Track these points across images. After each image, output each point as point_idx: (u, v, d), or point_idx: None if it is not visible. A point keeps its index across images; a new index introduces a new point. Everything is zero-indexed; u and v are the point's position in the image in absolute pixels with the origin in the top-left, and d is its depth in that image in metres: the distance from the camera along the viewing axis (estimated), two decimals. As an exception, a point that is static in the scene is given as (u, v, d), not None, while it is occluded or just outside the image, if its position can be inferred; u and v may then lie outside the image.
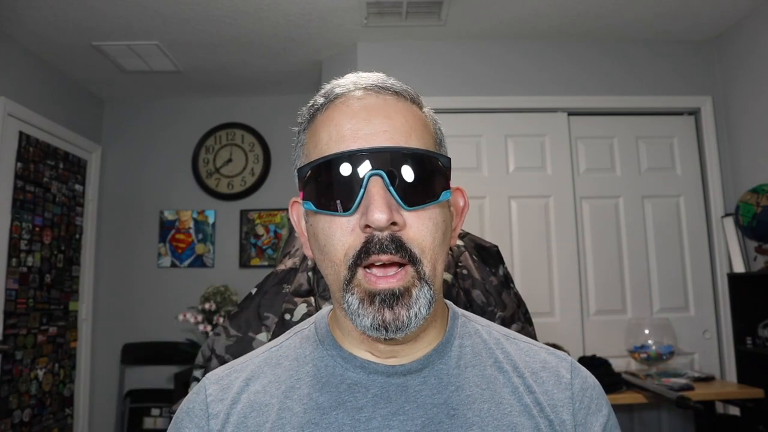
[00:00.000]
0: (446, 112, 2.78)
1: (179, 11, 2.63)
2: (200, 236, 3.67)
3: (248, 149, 3.74)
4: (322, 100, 0.59)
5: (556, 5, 2.63)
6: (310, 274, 1.10)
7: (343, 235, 0.54)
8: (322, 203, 0.55)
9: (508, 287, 1.19)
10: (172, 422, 0.63)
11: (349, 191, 0.53)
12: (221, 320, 2.02)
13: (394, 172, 0.53)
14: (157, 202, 3.71)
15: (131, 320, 3.57)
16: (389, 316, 0.52)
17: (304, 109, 0.62)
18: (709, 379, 2.46)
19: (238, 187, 3.70)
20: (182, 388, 2.81)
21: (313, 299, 1.06)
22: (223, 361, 1.05)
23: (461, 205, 0.64)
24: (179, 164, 3.74)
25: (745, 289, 2.61)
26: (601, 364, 2.41)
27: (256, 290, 1.15)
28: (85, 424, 3.38)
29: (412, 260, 0.53)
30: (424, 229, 0.54)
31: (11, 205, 2.82)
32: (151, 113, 3.81)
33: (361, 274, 0.53)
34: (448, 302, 0.67)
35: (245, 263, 3.63)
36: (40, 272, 3.04)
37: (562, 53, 2.97)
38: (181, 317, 3.15)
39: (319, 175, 0.55)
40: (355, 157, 0.53)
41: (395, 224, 0.52)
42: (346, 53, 3.05)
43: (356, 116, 0.56)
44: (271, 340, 0.83)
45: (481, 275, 1.15)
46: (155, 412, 3.40)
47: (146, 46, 2.96)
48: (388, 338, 0.54)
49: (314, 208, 0.55)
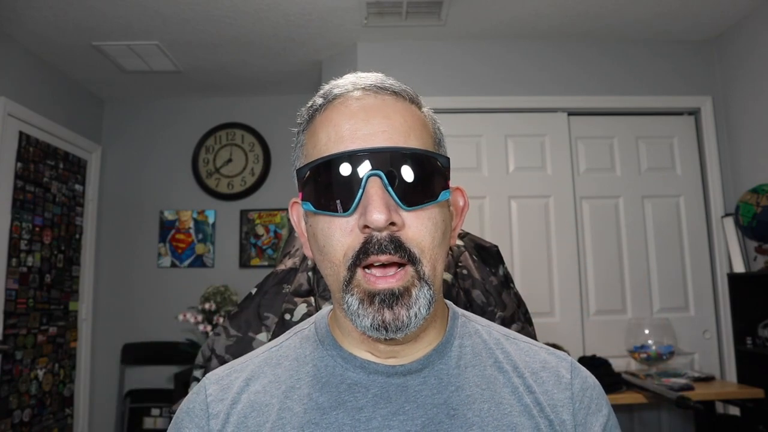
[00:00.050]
0: (446, 112, 2.78)
1: (179, 11, 2.63)
2: (200, 236, 3.67)
3: (248, 149, 3.74)
4: (320, 100, 0.59)
5: (556, 5, 2.63)
6: (310, 274, 1.10)
7: (342, 235, 0.54)
8: (320, 204, 0.55)
9: (508, 287, 1.19)
10: (172, 422, 0.63)
11: (347, 192, 0.53)
12: (221, 320, 2.02)
13: (392, 172, 0.52)
14: (157, 202, 3.71)
15: (131, 320, 3.57)
16: (389, 316, 0.52)
17: (303, 109, 0.62)
18: (709, 379, 2.46)
19: (238, 187, 3.70)
20: (182, 388, 2.81)
21: (313, 299, 1.06)
22: (223, 361, 1.05)
23: (461, 204, 0.64)
24: (179, 164, 3.74)
25: (745, 289, 2.61)
26: (601, 364, 2.41)
27: (256, 290, 1.15)
28: (85, 424, 3.38)
29: (411, 260, 0.53)
30: (423, 229, 0.54)
31: (11, 205, 2.82)
32: (151, 113, 3.81)
33: (360, 274, 0.53)
34: (448, 302, 0.67)
35: (245, 263, 3.63)
36: (40, 272, 3.04)
37: (562, 53, 2.97)
38: (181, 317, 3.16)
39: (317, 175, 0.55)
40: (353, 157, 0.53)
41: (394, 224, 0.52)
42: (346, 53, 3.05)
43: (355, 116, 0.55)
44: (271, 340, 0.83)
45: (481, 275, 1.15)
46: (155, 412, 3.40)
47: (146, 46, 2.96)
48: (388, 338, 0.54)
49: (313, 208, 0.55)
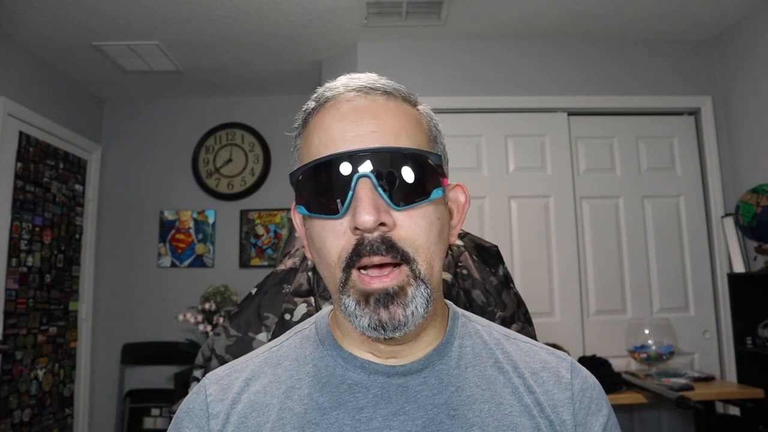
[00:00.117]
0: (446, 112, 2.78)
1: (179, 11, 2.63)
2: (200, 236, 3.67)
3: (248, 149, 3.74)
4: (313, 104, 0.60)
5: (556, 5, 2.63)
6: (310, 274, 1.10)
7: (335, 237, 0.54)
8: (313, 207, 0.55)
9: (508, 287, 1.19)
10: (172, 422, 0.62)
11: (338, 194, 0.53)
12: (221, 320, 2.02)
13: (382, 172, 0.52)
14: (157, 202, 3.71)
15: (131, 320, 3.57)
16: (385, 315, 0.52)
17: (299, 113, 0.62)
18: (709, 379, 2.46)
19: (238, 187, 3.70)
20: (182, 388, 2.81)
21: (313, 299, 1.06)
22: (223, 361, 1.05)
23: (462, 201, 0.63)
24: (179, 164, 3.74)
25: (745, 289, 2.61)
26: (601, 364, 2.41)
27: (256, 290, 1.15)
28: (85, 424, 3.38)
29: (405, 260, 0.53)
30: (416, 228, 0.53)
31: (11, 205, 2.82)
32: (151, 113, 3.81)
33: (355, 275, 0.53)
34: (448, 302, 0.67)
35: (245, 263, 3.63)
36: (40, 272, 3.04)
37: (562, 53, 2.97)
38: (181, 317, 3.16)
39: (308, 179, 0.55)
40: (342, 159, 0.53)
41: (385, 225, 0.52)
42: (346, 53, 3.05)
43: (345, 118, 0.55)
44: (271, 340, 0.83)
45: (481, 275, 1.15)
46: (155, 412, 3.40)
47: (146, 46, 2.96)
48: (387, 338, 0.54)
49: (307, 212, 0.55)
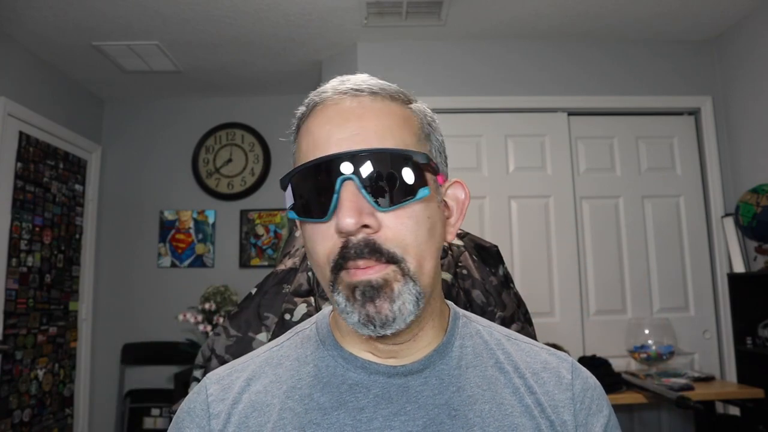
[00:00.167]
0: (446, 112, 2.78)
1: (179, 11, 2.63)
2: (200, 236, 3.67)
3: (248, 149, 3.74)
4: (303, 109, 0.60)
5: (556, 5, 2.63)
6: (310, 274, 1.10)
7: (324, 240, 0.54)
8: (302, 211, 0.56)
9: (508, 287, 1.19)
10: (172, 422, 0.62)
11: (324, 198, 0.53)
12: (221, 320, 2.02)
13: (365, 174, 0.52)
14: (157, 202, 3.71)
15: (131, 320, 3.57)
16: (372, 309, 0.52)
17: (293, 119, 0.63)
18: (709, 379, 2.46)
19: (238, 187, 3.70)
20: (182, 388, 2.81)
21: (313, 299, 1.06)
22: (223, 361, 1.05)
23: (462, 197, 0.62)
24: (179, 164, 3.74)
25: (745, 289, 2.61)
26: (601, 364, 2.41)
27: (256, 290, 1.15)
28: (85, 424, 3.38)
29: (392, 261, 0.52)
30: (402, 228, 0.53)
31: (11, 205, 2.82)
32: (151, 113, 3.81)
33: (343, 272, 0.53)
34: (449, 303, 0.67)
35: (245, 263, 3.63)
36: (40, 272, 3.04)
37: (562, 53, 2.97)
38: (181, 317, 3.15)
39: (296, 184, 0.56)
40: (326, 163, 0.53)
41: (369, 227, 0.52)
42: (346, 53, 3.05)
43: (330, 122, 0.56)
44: (271, 340, 0.83)
45: (480, 275, 1.14)
46: (155, 412, 3.40)
47: (146, 46, 2.96)
48: (378, 335, 0.54)
49: (297, 216, 0.56)
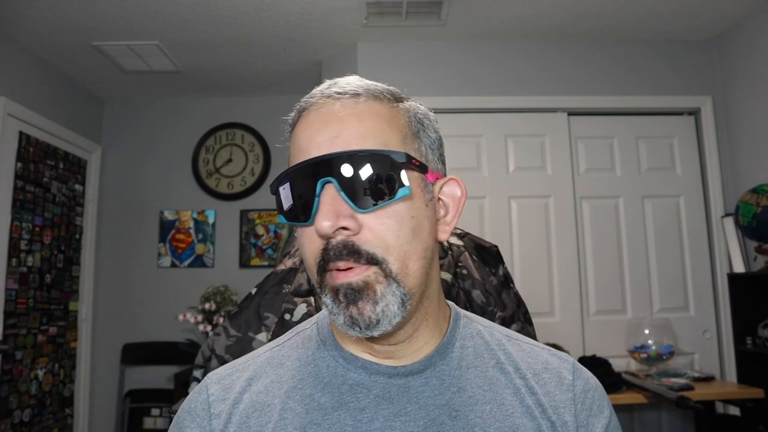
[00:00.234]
0: (446, 112, 2.78)
1: (179, 11, 2.63)
2: (200, 236, 3.67)
3: (248, 149, 3.74)
4: (293, 114, 0.61)
5: (556, 5, 2.63)
6: (310, 274, 1.09)
7: (311, 243, 0.55)
8: (289, 216, 0.57)
9: (508, 287, 1.19)
10: (173, 422, 0.62)
11: (306, 201, 0.54)
12: (221, 320, 2.02)
13: (344, 176, 0.53)
14: (157, 202, 3.71)
15: (131, 320, 3.57)
16: (354, 311, 0.52)
17: (287, 126, 0.63)
18: (709, 379, 2.46)
19: (238, 187, 3.70)
20: (182, 388, 2.81)
21: (312, 299, 1.06)
22: (223, 361, 1.05)
23: (458, 195, 0.62)
24: (179, 164, 3.74)
25: (745, 289, 2.61)
26: (601, 364, 2.41)
27: (256, 290, 1.15)
28: (85, 424, 3.38)
29: (372, 262, 0.53)
30: (383, 228, 0.53)
31: (11, 205, 2.82)
32: (151, 113, 3.81)
33: (327, 275, 0.54)
34: (450, 303, 0.67)
35: (245, 263, 3.63)
36: (40, 272, 3.04)
37: (562, 53, 2.97)
38: (181, 317, 3.15)
39: (282, 189, 0.57)
40: (306, 167, 0.54)
41: (348, 229, 0.52)
42: (346, 53, 3.05)
43: (312, 126, 0.56)
44: (271, 340, 0.83)
45: (480, 275, 1.14)
46: (155, 412, 3.40)
47: (146, 46, 2.96)
48: (365, 336, 0.54)
49: (285, 220, 0.57)
